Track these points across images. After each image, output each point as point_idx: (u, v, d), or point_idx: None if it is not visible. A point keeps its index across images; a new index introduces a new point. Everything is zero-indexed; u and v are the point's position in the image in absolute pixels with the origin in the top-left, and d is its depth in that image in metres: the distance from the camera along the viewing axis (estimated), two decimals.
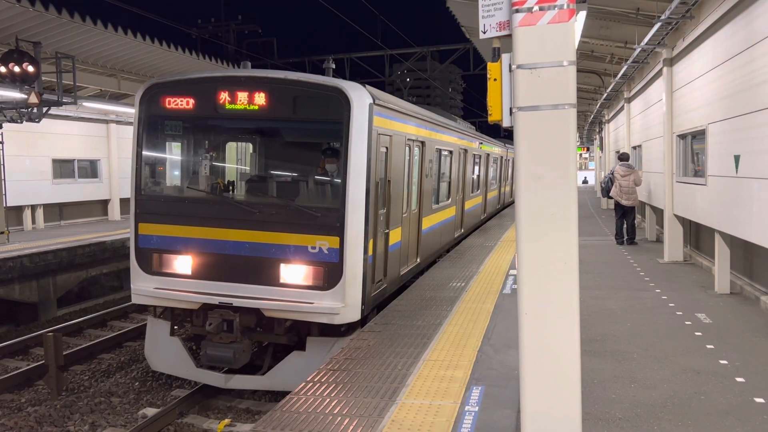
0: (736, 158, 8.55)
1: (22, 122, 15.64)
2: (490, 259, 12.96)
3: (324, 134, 8.12)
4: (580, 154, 63.24)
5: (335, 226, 7.41)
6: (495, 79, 3.95)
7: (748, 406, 5.35)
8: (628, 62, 14.93)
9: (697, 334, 7.55)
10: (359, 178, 7.49)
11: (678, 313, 8.59)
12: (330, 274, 7.44)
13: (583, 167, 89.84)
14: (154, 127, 8.29)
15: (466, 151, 16.21)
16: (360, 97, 7.60)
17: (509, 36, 3.85)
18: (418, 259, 11.04)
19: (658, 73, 13.82)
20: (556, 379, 3.79)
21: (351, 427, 4.89)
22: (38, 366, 9.76)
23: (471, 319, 8.07)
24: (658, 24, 11.08)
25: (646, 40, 12.18)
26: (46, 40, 14.64)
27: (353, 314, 7.55)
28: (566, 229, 3.75)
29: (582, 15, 8.70)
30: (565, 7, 3.66)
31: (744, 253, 9.84)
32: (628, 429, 4.96)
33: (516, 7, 3.73)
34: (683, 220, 12.82)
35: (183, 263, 7.98)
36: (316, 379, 5.97)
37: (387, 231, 8.72)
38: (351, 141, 7.47)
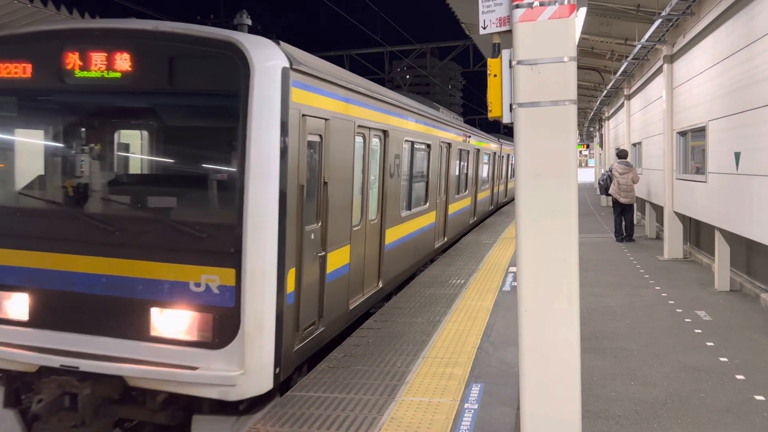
0: (737, 155, 8.54)
1: None
2: (490, 256, 12.95)
3: (212, 114, 5.74)
4: (580, 152, 63.29)
5: (229, 251, 5.10)
6: (495, 75, 3.93)
7: (748, 404, 5.34)
8: (629, 59, 14.92)
9: (696, 331, 7.54)
10: (266, 180, 5.18)
11: (678, 310, 8.58)
12: (222, 323, 5.11)
13: (583, 164, 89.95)
14: None
15: (449, 145, 13.79)
16: (266, 57, 5.28)
17: (509, 32, 3.83)
18: (380, 283, 8.60)
19: (659, 70, 13.80)
20: (555, 377, 3.78)
21: (350, 425, 4.87)
22: None
23: (470, 317, 8.06)
24: (659, 21, 11.06)
25: (646, 36, 12.16)
26: None
27: (259, 383, 5.15)
28: (566, 227, 3.73)
29: (582, 11, 8.68)
30: (565, 2, 3.64)
31: (744, 250, 9.83)
32: (627, 426, 4.95)
33: (516, 3, 3.71)
34: (683, 218, 12.81)
35: (15, 305, 5.61)
36: (315, 377, 5.96)
37: (323, 253, 6.41)
38: (251, 123, 5.15)
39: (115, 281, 5.36)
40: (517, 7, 3.71)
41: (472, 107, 56.96)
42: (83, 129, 5.98)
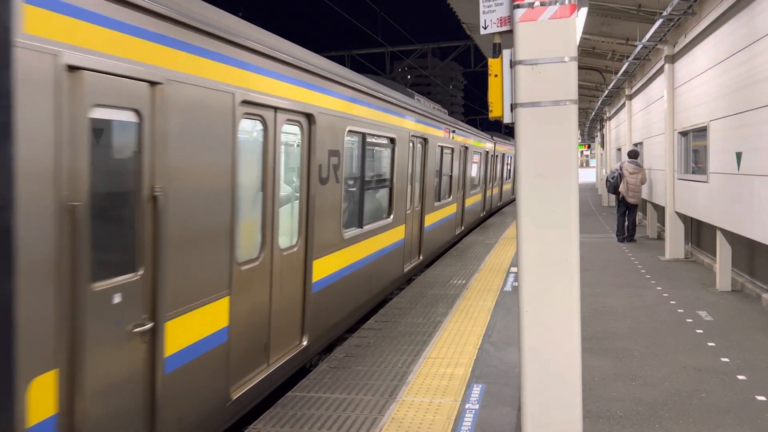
0: (738, 155, 8.53)
1: None
2: (491, 257, 12.94)
3: None
4: (582, 152, 63.31)
5: None
6: (496, 75, 3.94)
7: (749, 404, 5.33)
8: (630, 59, 14.91)
9: (698, 331, 7.53)
10: None
11: (679, 310, 8.57)
12: None
13: (585, 164, 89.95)
14: None
15: (425, 140, 11.24)
16: None
17: (510, 32, 3.83)
18: (305, 341, 6.15)
19: (660, 70, 13.79)
20: (556, 377, 3.77)
21: (351, 425, 4.87)
22: None
23: (471, 317, 8.06)
24: (660, 20, 11.05)
25: (647, 36, 12.14)
26: None
27: None
28: (567, 227, 3.73)
29: (583, 11, 8.67)
30: (566, 2, 3.64)
31: (745, 250, 9.82)
32: (629, 427, 4.94)
33: (517, 3, 3.71)
34: (684, 218, 12.80)
35: None
36: (315, 377, 5.95)
37: (150, 324, 3.80)
38: None
39: None
40: (518, 7, 3.71)
41: (474, 107, 57.00)
42: None
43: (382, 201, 9.16)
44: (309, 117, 6.11)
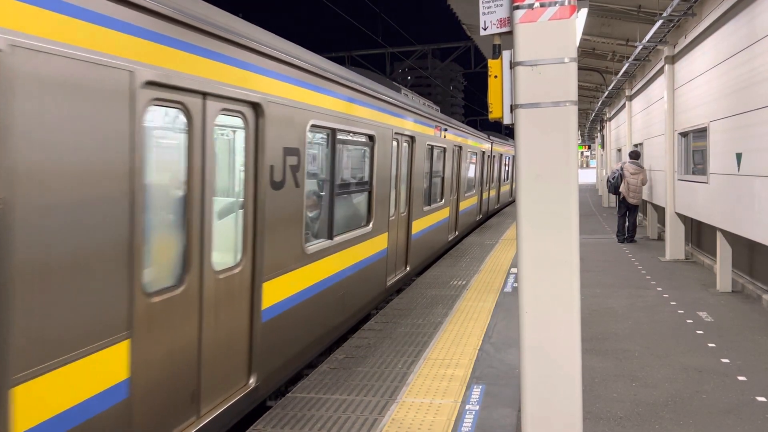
0: (738, 156, 8.53)
1: None
2: (491, 257, 12.95)
3: None
4: (582, 152, 63.34)
5: None
6: (496, 76, 3.94)
7: (750, 405, 5.33)
8: (630, 60, 14.93)
9: (698, 332, 7.53)
10: None
11: (679, 311, 8.57)
12: None
13: (585, 165, 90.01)
14: None
15: (411, 139, 10.22)
16: None
17: (510, 33, 3.83)
18: (252, 381, 5.09)
19: (660, 71, 13.79)
20: (556, 378, 3.77)
21: (351, 426, 4.87)
22: None
23: (472, 318, 8.06)
24: (660, 21, 11.06)
25: (647, 37, 12.15)
26: None
27: None
28: (567, 227, 3.73)
29: (583, 12, 8.67)
30: (566, 3, 3.64)
31: (746, 251, 9.82)
32: (629, 428, 4.94)
33: (517, 4, 3.71)
34: (685, 218, 12.80)
35: None
36: (316, 378, 5.95)
37: None
38: None
39: None
40: (518, 8, 3.71)
41: (474, 108, 57.02)
42: None
43: (359, 207, 8.01)
44: (255, 107, 4.92)
